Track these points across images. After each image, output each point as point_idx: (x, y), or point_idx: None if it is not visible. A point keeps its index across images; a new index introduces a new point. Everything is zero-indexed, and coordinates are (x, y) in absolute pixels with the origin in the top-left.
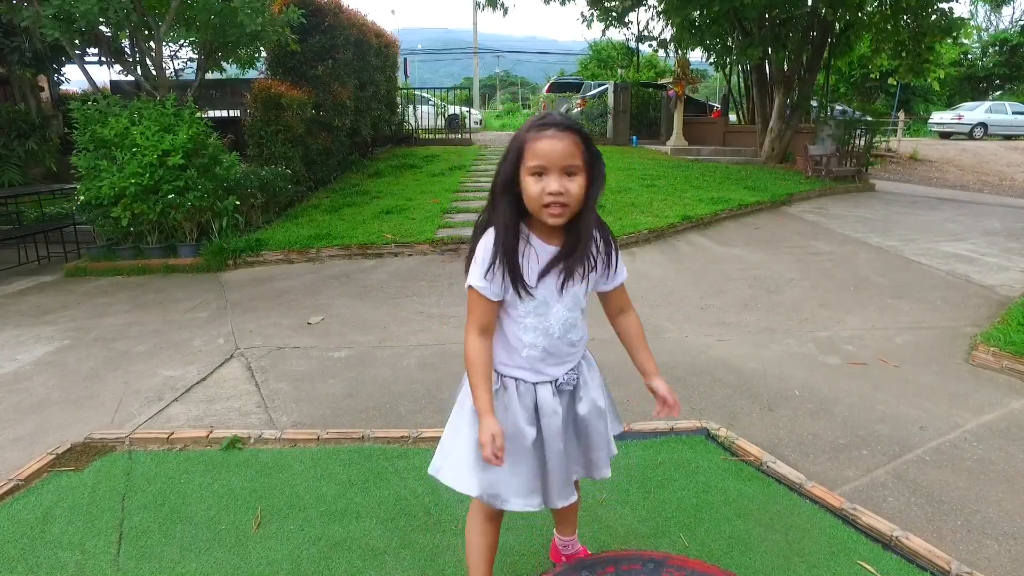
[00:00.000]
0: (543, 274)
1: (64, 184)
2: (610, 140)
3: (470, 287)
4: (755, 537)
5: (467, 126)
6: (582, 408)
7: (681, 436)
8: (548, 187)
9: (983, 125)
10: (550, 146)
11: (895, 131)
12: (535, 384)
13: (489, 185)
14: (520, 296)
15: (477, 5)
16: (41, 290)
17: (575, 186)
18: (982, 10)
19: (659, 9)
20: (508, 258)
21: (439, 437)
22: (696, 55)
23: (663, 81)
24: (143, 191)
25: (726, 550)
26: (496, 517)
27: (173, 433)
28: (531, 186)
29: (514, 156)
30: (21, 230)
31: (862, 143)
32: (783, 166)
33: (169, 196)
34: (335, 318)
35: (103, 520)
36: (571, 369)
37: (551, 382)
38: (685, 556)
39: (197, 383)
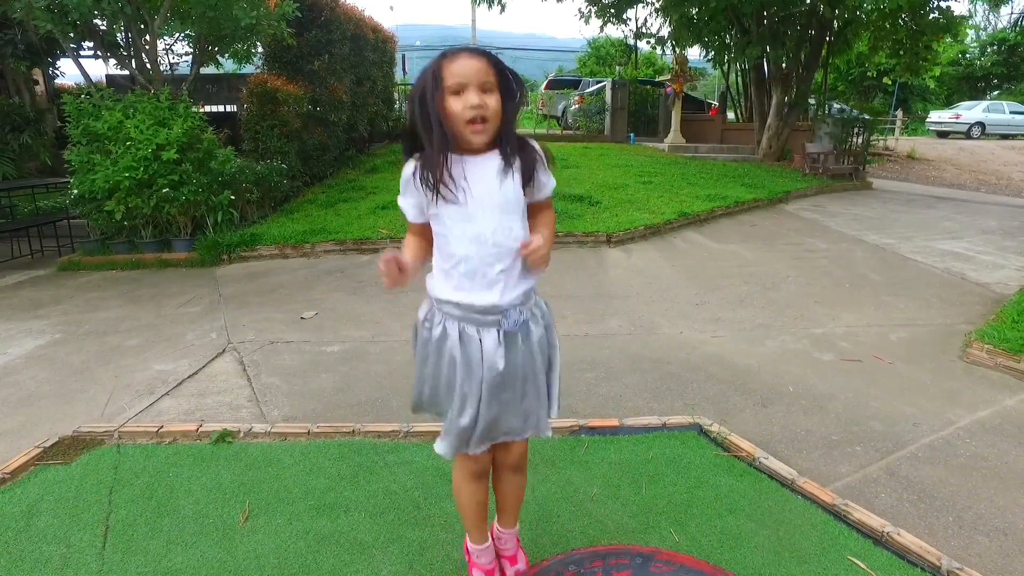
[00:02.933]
0: (471, 179)
1: (59, 178)
2: (608, 137)
3: (400, 208)
4: (746, 532)
5: None
6: (529, 347)
7: (673, 432)
8: (469, 100)
9: (981, 124)
10: (467, 64)
11: (893, 130)
12: (479, 328)
13: None
14: (445, 198)
15: (475, 1)
16: (34, 284)
17: (492, 100)
18: (980, 9)
19: (657, 6)
20: (427, 170)
21: (430, 432)
22: (694, 52)
23: (661, 78)
24: (137, 185)
25: (716, 545)
26: (481, 475)
27: (163, 427)
28: (453, 104)
29: (431, 82)
30: (15, 224)
31: (859, 141)
32: (780, 164)
33: (163, 190)
34: (329, 313)
35: (89, 513)
36: (519, 314)
37: (496, 329)
38: (674, 551)
39: (188, 377)
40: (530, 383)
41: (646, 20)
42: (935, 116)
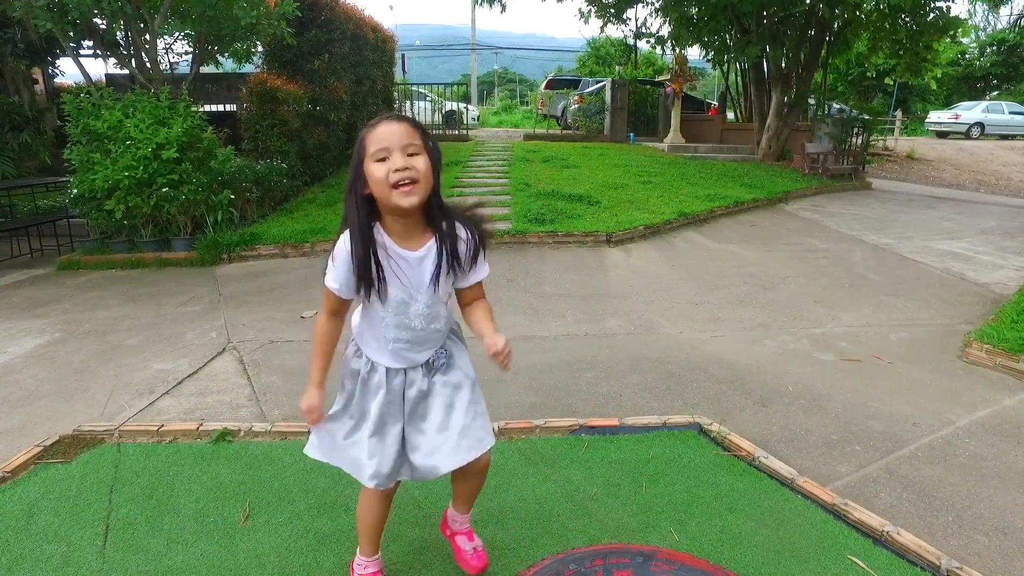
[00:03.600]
0: (407, 276)
1: (58, 177)
2: (607, 137)
3: (325, 286)
4: (746, 532)
5: (464, 122)
6: (453, 379)
7: (673, 431)
8: (393, 164)
9: (980, 125)
10: (387, 129)
11: (892, 130)
12: (405, 369)
13: (484, 180)
14: (379, 299)
15: (475, 1)
16: (34, 283)
17: (421, 162)
18: (980, 10)
19: (657, 6)
20: (361, 267)
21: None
22: (694, 52)
23: (661, 78)
24: (137, 184)
25: (716, 545)
26: (389, 495)
27: (163, 425)
28: (377, 171)
29: (357, 155)
30: (14, 223)
31: (859, 141)
32: (780, 164)
33: (163, 189)
34: None
35: (90, 512)
36: (439, 348)
37: (421, 366)
38: (674, 550)
39: (188, 376)
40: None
41: (646, 20)
42: (934, 116)
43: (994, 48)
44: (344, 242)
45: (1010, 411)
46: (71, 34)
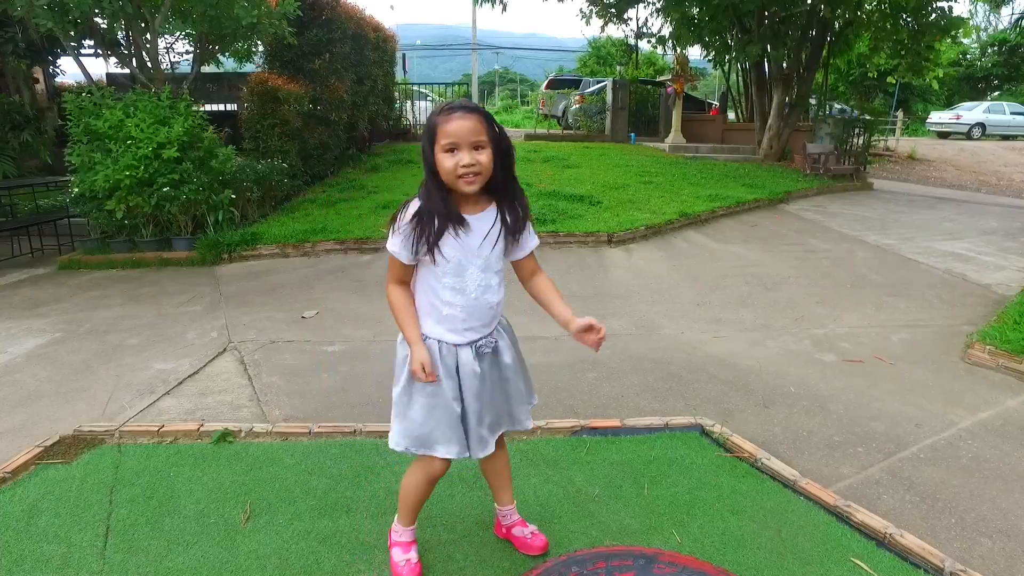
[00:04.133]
0: (463, 236)
1: (59, 177)
2: (608, 137)
3: (389, 251)
4: (748, 534)
5: None
6: (502, 366)
7: (675, 432)
8: (462, 160)
9: (981, 125)
10: (459, 125)
11: (893, 130)
12: (456, 346)
13: None
14: (434, 259)
15: (476, 1)
16: (34, 283)
17: (484, 157)
18: (981, 10)
19: (658, 6)
20: (424, 226)
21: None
22: (695, 52)
23: (662, 78)
24: (138, 184)
25: (719, 547)
26: (436, 480)
27: (163, 426)
28: (446, 161)
29: (428, 139)
30: (15, 222)
31: (860, 142)
32: (781, 164)
33: (164, 189)
34: (329, 312)
35: (90, 513)
36: (489, 334)
37: (471, 344)
38: (677, 552)
39: (189, 376)
40: (508, 386)
41: (647, 20)
42: (936, 117)
43: (995, 48)
44: (410, 208)
45: (1013, 412)
46: (72, 33)
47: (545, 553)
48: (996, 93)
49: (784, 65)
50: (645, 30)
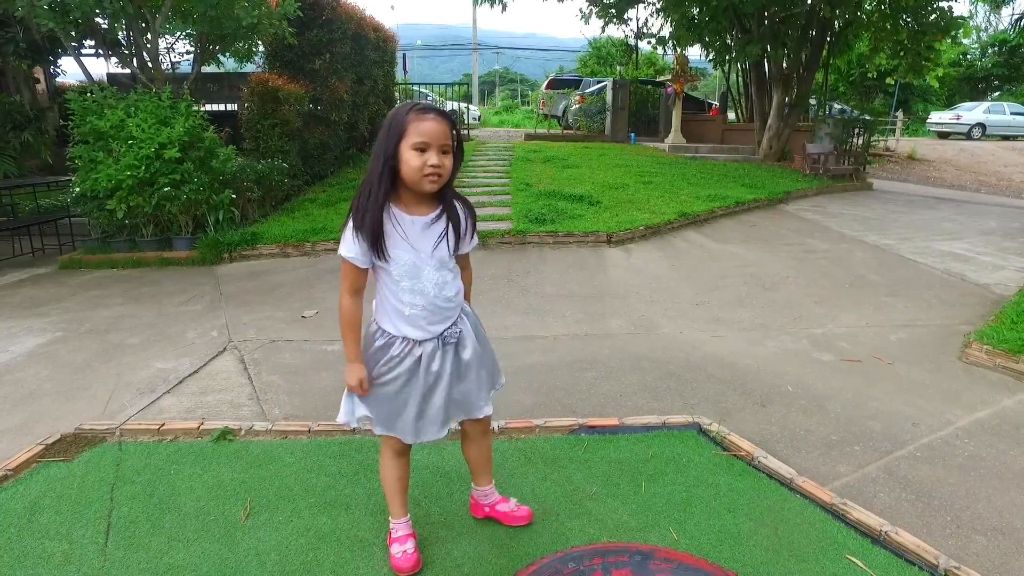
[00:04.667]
0: (413, 240)
1: (59, 176)
2: (608, 137)
3: (342, 256)
4: (745, 531)
5: (465, 122)
6: (464, 356)
7: (673, 431)
8: (430, 160)
9: (981, 126)
10: (433, 127)
11: (893, 130)
12: (420, 342)
13: (485, 179)
14: (386, 260)
15: (476, 1)
16: (35, 282)
17: (448, 161)
18: (982, 10)
19: (658, 6)
20: (373, 228)
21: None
22: (695, 52)
23: (662, 79)
24: (139, 184)
25: (715, 544)
26: (403, 452)
27: (164, 424)
28: (414, 159)
29: (395, 133)
30: (16, 222)
31: (860, 142)
32: (781, 164)
33: (165, 189)
34: (329, 312)
35: (91, 510)
36: (452, 324)
37: (436, 338)
38: (673, 548)
39: (189, 375)
40: (468, 375)
41: (647, 20)
42: (936, 117)
43: (995, 49)
44: (359, 212)
45: (1009, 412)
46: (73, 33)
47: (530, 522)
48: (996, 93)
49: (784, 65)
50: (645, 30)
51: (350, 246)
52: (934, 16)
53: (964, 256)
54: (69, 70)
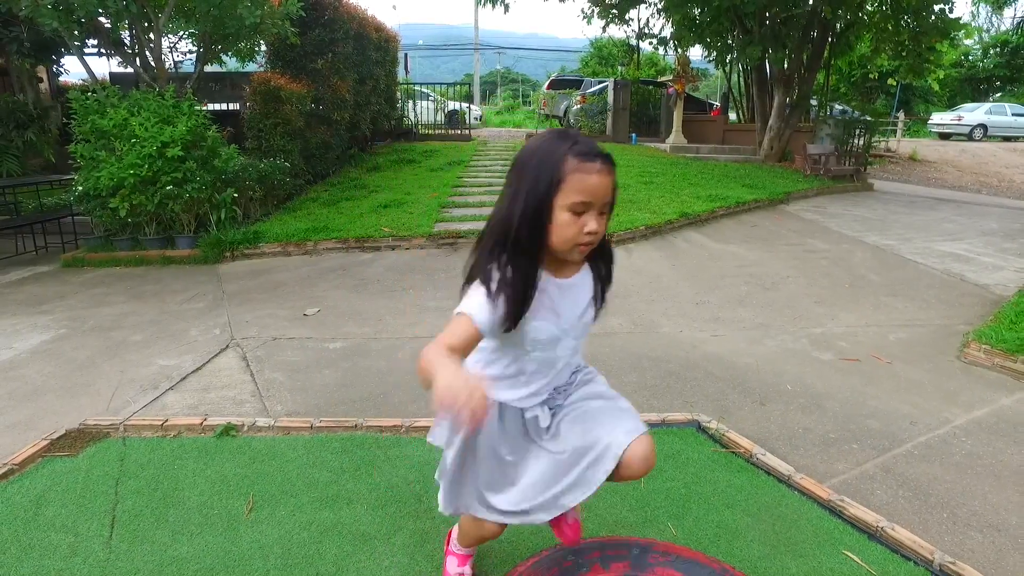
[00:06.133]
0: (559, 307)
1: (62, 175)
2: (609, 137)
3: (461, 313)
4: (743, 527)
5: (467, 122)
6: (581, 397)
7: (672, 428)
8: (588, 227)
9: (983, 127)
10: (598, 182)
11: (895, 131)
12: (525, 408)
13: (487, 179)
14: (525, 338)
15: (478, 2)
16: (38, 280)
17: (604, 225)
18: (984, 11)
19: (659, 6)
20: (524, 300)
21: (431, 427)
22: (696, 53)
23: (663, 79)
24: (141, 182)
25: (713, 539)
26: (490, 539)
27: (167, 420)
28: (569, 224)
29: (548, 180)
30: (19, 220)
31: (861, 143)
32: (782, 165)
33: (167, 187)
34: (331, 310)
35: (96, 504)
36: (565, 385)
37: (543, 404)
38: (671, 543)
39: (192, 372)
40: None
41: (648, 21)
42: (937, 118)
43: (997, 50)
44: (498, 270)
45: (1007, 410)
46: (76, 33)
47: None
48: (998, 94)
49: (785, 66)
50: (647, 31)
51: (483, 311)
52: (934, 18)
53: (964, 257)
54: (72, 69)
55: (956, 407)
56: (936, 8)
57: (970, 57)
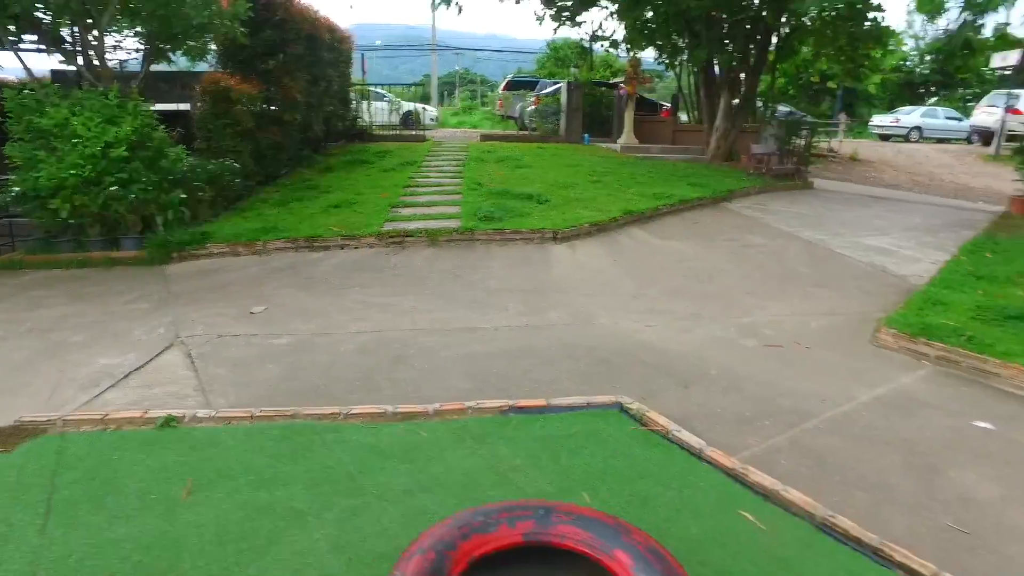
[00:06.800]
0: None
1: None
2: (563, 137)
3: None
4: (653, 495)
5: (421, 123)
6: None
7: (596, 410)
8: None
9: (919, 129)
10: None
11: (837, 132)
12: None
13: (438, 179)
14: None
15: (433, 4)
16: None
17: None
18: (919, 20)
19: (612, 10)
20: None
21: (370, 413)
22: (650, 55)
23: (616, 80)
24: (84, 183)
25: (625, 506)
26: None
27: (108, 414)
28: None
29: None
30: None
31: (803, 143)
32: (728, 164)
33: (112, 188)
34: (278, 308)
35: (30, 495)
36: None
37: None
38: (574, 504)
39: (135, 370)
40: None
41: (601, 24)
42: (877, 120)
43: (932, 56)
44: None
45: (906, 387)
46: (12, 28)
47: None
48: (934, 99)
49: (729, 69)
50: (600, 33)
51: None
52: (868, 25)
53: (888, 250)
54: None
55: (862, 386)
56: (870, 16)
57: (908, 63)
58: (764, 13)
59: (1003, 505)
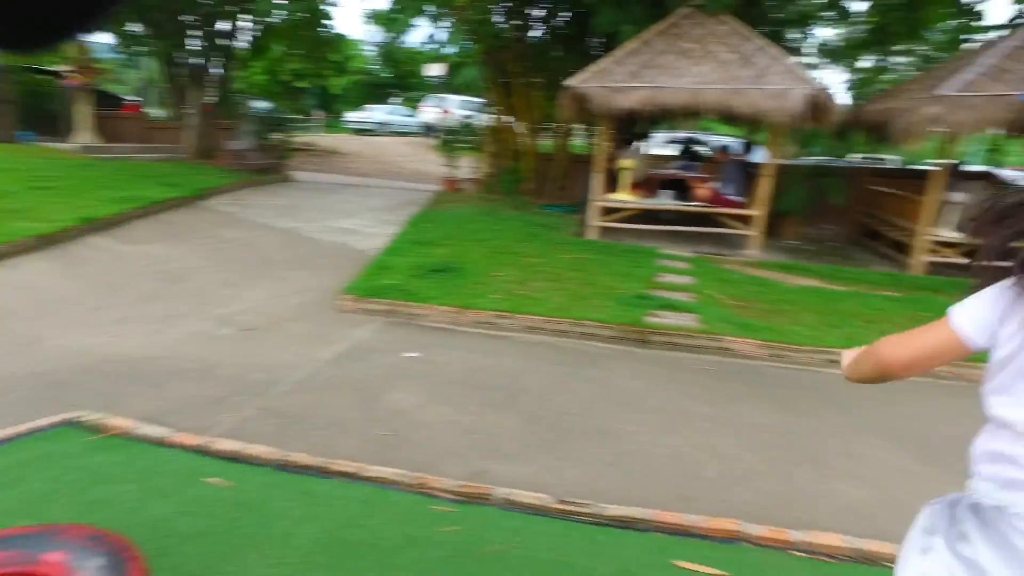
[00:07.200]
0: None
1: None
2: None
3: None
4: (113, 495)
5: None
6: None
7: (44, 432)
8: None
9: (384, 124)
10: None
11: (316, 127)
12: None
13: None
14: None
15: None
16: None
17: None
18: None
19: None
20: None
21: None
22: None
23: (62, 68)
24: None
25: (83, 514)
26: None
27: None
28: None
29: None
30: None
31: (280, 138)
32: (208, 161)
33: None
34: None
35: None
36: None
37: None
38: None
39: None
40: None
41: None
42: (351, 116)
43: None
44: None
45: (359, 340)
46: None
47: None
48: (398, 100)
49: (203, 64)
50: None
51: (981, 321)
52: (324, 33)
53: (353, 230)
54: None
55: (325, 347)
56: (323, 23)
57: (374, 67)
58: (225, 8)
59: (418, 410)
